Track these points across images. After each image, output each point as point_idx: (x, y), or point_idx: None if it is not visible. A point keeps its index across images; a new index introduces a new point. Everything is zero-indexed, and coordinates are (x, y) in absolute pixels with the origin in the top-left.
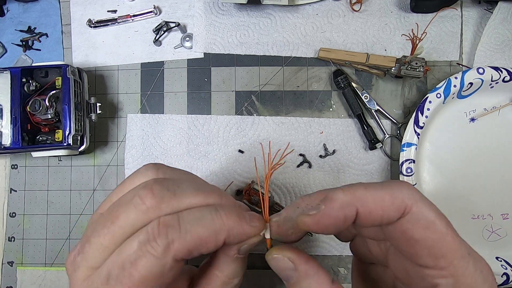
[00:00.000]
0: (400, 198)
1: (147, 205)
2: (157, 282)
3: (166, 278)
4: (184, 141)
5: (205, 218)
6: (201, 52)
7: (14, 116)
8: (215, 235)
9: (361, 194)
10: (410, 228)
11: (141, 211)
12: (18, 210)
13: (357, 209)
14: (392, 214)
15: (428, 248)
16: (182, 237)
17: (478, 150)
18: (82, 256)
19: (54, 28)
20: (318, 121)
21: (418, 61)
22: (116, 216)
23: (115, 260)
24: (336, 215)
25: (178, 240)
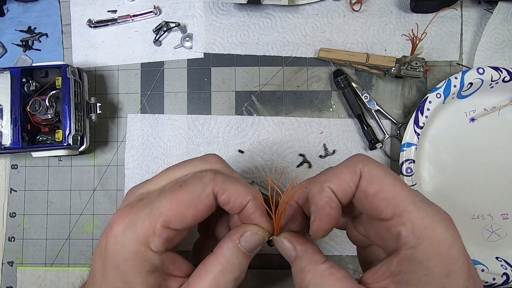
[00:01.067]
0: (353, 165)
1: (212, 161)
2: (196, 201)
3: (201, 203)
4: (184, 141)
5: (243, 181)
6: (201, 52)
7: (14, 116)
8: (245, 193)
9: (324, 177)
10: (366, 185)
11: (205, 162)
12: (18, 210)
13: (330, 188)
14: (354, 180)
15: (384, 199)
16: (224, 180)
17: (478, 150)
18: (147, 182)
19: (54, 28)
20: (318, 121)
21: (418, 61)
22: (187, 162)
23: (172, 182)
24: (324, 202)
25: (221, 180)
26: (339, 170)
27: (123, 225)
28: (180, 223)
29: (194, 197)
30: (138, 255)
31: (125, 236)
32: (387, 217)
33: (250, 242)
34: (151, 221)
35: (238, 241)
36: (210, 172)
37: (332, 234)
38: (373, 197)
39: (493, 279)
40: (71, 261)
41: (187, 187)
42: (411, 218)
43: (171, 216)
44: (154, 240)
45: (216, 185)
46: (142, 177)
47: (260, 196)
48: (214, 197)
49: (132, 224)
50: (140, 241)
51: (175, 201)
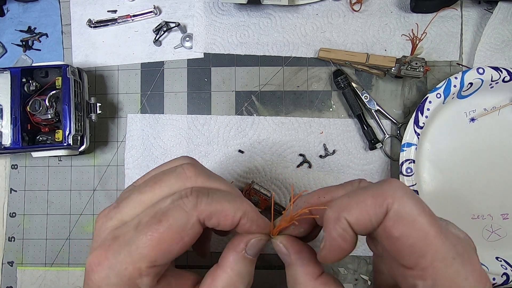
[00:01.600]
0: (381, 197)
1: (187, 175)
2: (180, 234)
3: (187, 234)
4: (184, 141)
5: (229, 196)
6: (201, 52)
7: (14, 116)
8: (234, 210)
9: (345, 203)
10: (391, 225)
11: (181, 179)
12: (18, 210)
13: (347, 220)
14: (378, 215)
15: (409, 247)
16: (209, 203)
17: (478, 150)
18: (117, 210)
19: (54, 28)
20: (318, 121)
21: (418, 61)
22: (159, 179)
23: (148, 212)
24: (337, 235)
25: (205, 203)
26: (363, 200)
27: (103, 273)
28: (166, 258)
29: (178, 231)
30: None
31: (110, 285)
32: (408, 265)
33: (256, 248)
34: (135, 264)
35: (244, 251)
36: (191, 198)
37: None
38: (396, 240)
39: (493, 279)
40: (71, 261)
41: (168, 221)
42: (435, 276)
43: (154, 256)
44: (143, 280)
45: (201, 212)
46: None
47: (250, 207)
48: (200, 224)
49: (113, 271)
50: (128, 286)
51: (157, 239)
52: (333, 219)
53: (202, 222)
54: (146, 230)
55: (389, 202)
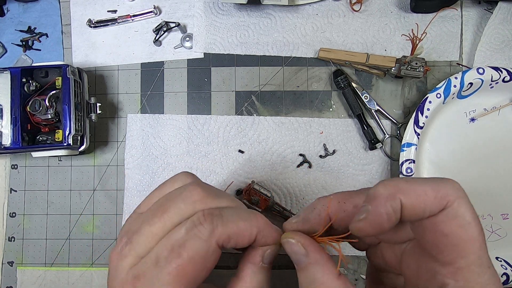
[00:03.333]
0: (443, 192)
1: (195, 198)
2: (202, 263)
3: (209, 261)
4: (184, 141)
5: (243, 214)
6: (201, 52)
7: (14, 116)
8: (251, 228)
9: (403, 186)
10: (444, 222)
11: (189, 203)
12: (18, 210)
13: (401, 202)
14: (434, 208)
15: (454, 245)
16: (224, 225)
17: (478, 150)
18: (131, 246)
19: (54, 28)
20: (318, 121)
21: (418, 61)
22: (167, 207)
23: (164, 244)
24: (385, 211)
25: (221, 227)
26: (423, 188)
27: None
28: (192, 286)
29: (200, 261)
30: None
31: None
32: (444, 261)
33: (271, 257)
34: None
35: (261, 263)
36: (206, 225)
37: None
38: (443, 236)
39: None
40: (71, 261)
41: (187, 253)
42: (469, 278)
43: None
44: None
45: (219, 237)
46: (142, 177)
47: (263, 220)
48: (219, 248)
49: None
50: None
51: (181, 273)
52: (386, 196)
53: (220, 246)
54: (167, 266)
55: (450, 199)
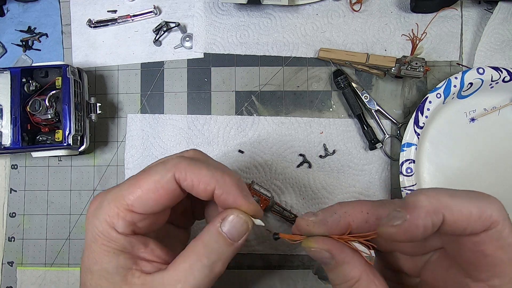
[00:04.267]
0: (488, 213)
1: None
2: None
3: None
4: (184, 141)
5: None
6: (201, 52)
7: (14, 116)
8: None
9: (447, 201)
10: (487, 242)
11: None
12: (18, 210)
13: (444, 217)
14: (477, 227)
15: (493, 265)
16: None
17: (478, 150)
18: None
19: (54, 28)
20: (318, 121)
21: (418, 61)
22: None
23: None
24: (423, 224)
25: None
26: (468, 206)
27: (93, 207)
28: (143, 207)
29: (155, 181)
30: (105, 235)
31: (95, 217)
32: (478, 278)
33: (233, 227)
34: (116, 203)
35: (219, 224)
36: (175, 158)
37: None
38: (483, 256)
39: None
40: (71, 261)
41: (149, 172)
42: None
43: (132, 200)
44: (119, 222)
45: (178, 170)
46: None
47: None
48: (176, 182)
49: (100, 206)
50: (107, 222)
51: (137, 185)
52: (429, 209)
53: (177, 181)
54: (132, 179)
55: (494, 220)
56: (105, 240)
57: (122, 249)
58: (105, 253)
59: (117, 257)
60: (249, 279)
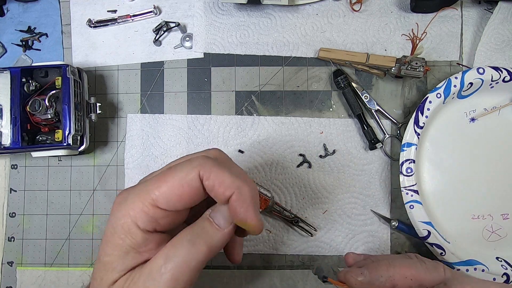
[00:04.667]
0: None
1: (211, 152)
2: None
3: (186, 183)
4: (184, 141)
5: (236, 173)
6: (201, 52)
7: (14, 116)
8: (231, 181)
9: None
10: None
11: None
12: (18, 210)
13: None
14: None
15: None
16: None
17: (478, 150)
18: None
19: (54, 28)
20: (318, 121)
21: (418, 61)
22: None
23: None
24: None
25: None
26: None
27: (118, 200)
28: (167, 203)
29: (180, 178)
30: (125, 229)
31: (118, 211)
32: None
33: (220, 214)
34: (141, 198)
35: (209, 213)
36: (201, 157)
37: (333, 234)
38: None
39: (494, 279)
40: (70, 261)
41: (175, 169)
42: None
43: (157, 195)
44: (142, 217)
45: (203, 169)
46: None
47: (251, 192)
48: (200, 180)
49: (125, 200)
50: (130, 216)
51: (163, 180)
52: None
53: (201, 179)
54: (158, 175)
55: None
56: (123, 234)
57: (136, 247)
58: (118, 248)
59: (127, 254)
60: (249, 279)
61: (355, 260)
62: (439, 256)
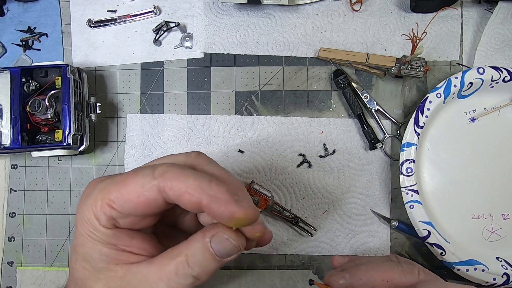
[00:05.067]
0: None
1: (191, 155)
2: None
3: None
4: (184, 141)
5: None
6: (201, 52)
7: (14, 116)
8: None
9: None
10: None
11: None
12: (18, 210)
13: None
14: None
15: None
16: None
17: (478, 150)
18: None
19: (54, 28)
20: (318, 121)
21: (418, 61)
22: (170, 155)
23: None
24: None
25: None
26: None
27: (86, 192)
28: (122, 206)
29: (138, 186)
30: (91, 223)
31: (84, 203)
32: None
33: (221, 247)
34: (101, 195)
35: (209, 240)
36: (165, 166)
37: (333, 234)
38: None
39: (494, 279)
40: None
41: (137, 174)
42: None
43: (115, 197)
44: (100, 214)
45: (164, 179)
46: None
47: (223, 187)
48: (159, 192)
49: (90, 194)
50: (92, 212)
51: (122, 184)
52: None
53: (162, 190)
54: (121, 176)
55: None
56: (91, 227)
57: (106, 240)
58: (90, 239)
59: (101, 245)
60: (249, 279)
61: (339, 263)
62: (439, 256)
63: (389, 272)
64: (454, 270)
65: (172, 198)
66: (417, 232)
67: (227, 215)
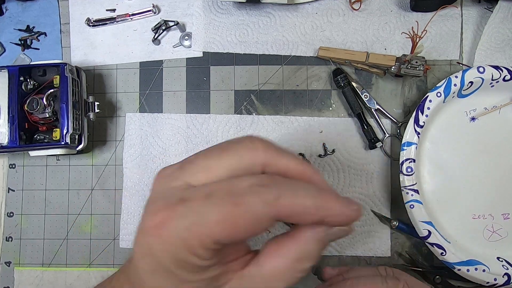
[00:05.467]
0: None
1: (257, 146)
2: (253, 225)
3: (259, 227)
4: (183, 140)
5: (311, 190)
6: (200, 51)
7: (12, 114)
8: (317, 208)
9: None
10: None
11: (250, 150)
12: (16, 210)
13: None
14: None
15: None
16: (290, 196)
17: (478, 150)
18: (182, 171)
19: (53, 27)
20: (318, 120)
21: (418, 60)
22: (226, 147)
23: (222, 186)
24: None
25: (286, 197)
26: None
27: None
28: (231, 241)
29: (252, 221)
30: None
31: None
32: None
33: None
34: (199, 234)
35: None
36: (274, 189)
37: None
38: None
39: (495, 279)
40: (68, 261)
41: (245, 207)
42: None
43: (221, 236)
44: (202, 252)
45: (281, 208)
46: (140, 177)
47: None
48: (275, 220)
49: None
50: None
51: (229, 221)
52: None
53: (277, 218)
54: (219, 207)
55: None
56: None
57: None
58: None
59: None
60: None
61: (329, 275)
62: (440, 256)
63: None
64: (455, 270)
65: (285, 219)
66: (418, 232)
67: (346, 222)
